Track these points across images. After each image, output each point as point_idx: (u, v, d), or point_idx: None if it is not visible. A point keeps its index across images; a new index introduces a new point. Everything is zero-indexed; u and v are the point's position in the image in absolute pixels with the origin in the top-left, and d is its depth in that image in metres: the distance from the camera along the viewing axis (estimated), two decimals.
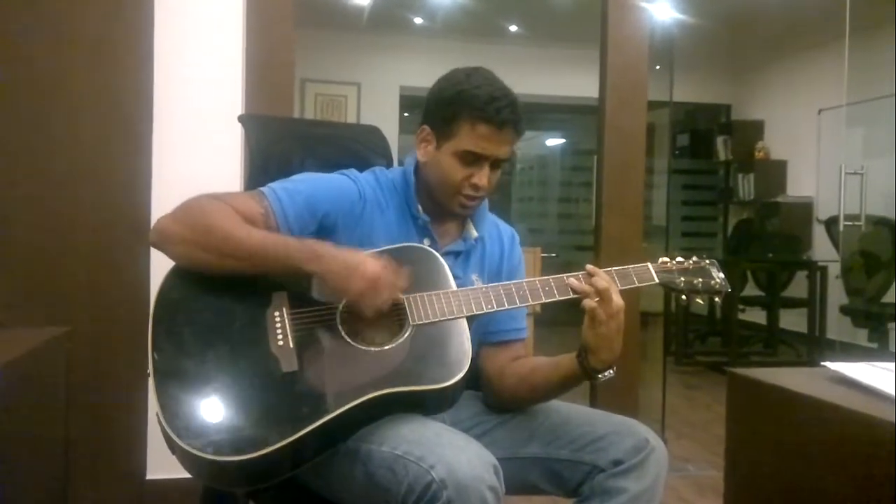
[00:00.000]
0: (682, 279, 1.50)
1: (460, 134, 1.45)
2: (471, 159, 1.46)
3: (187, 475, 1.28)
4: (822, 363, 1.22)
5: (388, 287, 1.32)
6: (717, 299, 1.52)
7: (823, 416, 1.04)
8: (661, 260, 1.51)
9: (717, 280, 1.51)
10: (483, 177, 1.47)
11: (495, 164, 1.49)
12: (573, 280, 1.42)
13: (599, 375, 1.41)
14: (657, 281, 1.47)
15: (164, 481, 2.39)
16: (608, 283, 1.39)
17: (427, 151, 1.51)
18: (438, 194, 1.51)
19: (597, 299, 1.38)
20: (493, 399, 1.58)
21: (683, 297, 1.51)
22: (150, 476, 2.49)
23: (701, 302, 1.51)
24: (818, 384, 1.15)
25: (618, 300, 1.38)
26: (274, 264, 1.33)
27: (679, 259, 1.52)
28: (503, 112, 1.44)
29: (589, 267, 1.43)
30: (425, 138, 1.52)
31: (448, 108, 1.47)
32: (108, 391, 2.33)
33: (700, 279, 1.50)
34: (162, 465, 1.22)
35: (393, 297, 1.34)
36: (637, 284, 1.46)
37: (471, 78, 1.47)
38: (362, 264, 1.30)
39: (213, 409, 1.25)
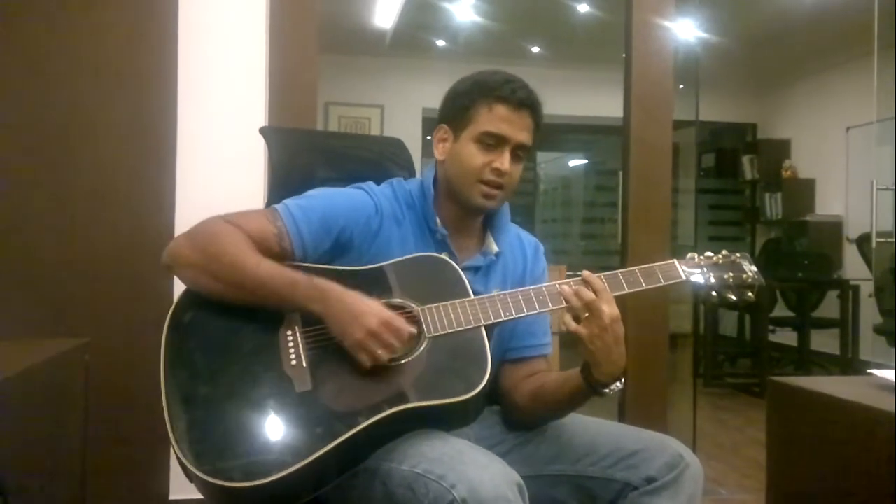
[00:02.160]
0: (712, 274, 1.43)
1: (478, 118, 1.44)
2: (491, 143, 1.43)
3: None
4: (869, 371, 1.17)
5: (386, 344, 1.26)
6: (749, 294, 1.43)
7: (872, 423, 0.99)
8: (688, 256, 1.45)
9: (750, 274, 1.44)
10: (504, 161, 1.43)
11: (516, 153, 1.45)
12: (566, 287, 1.35)
13: (606, 390, 1.36)
14: (684, 278, 1.41)
15: (188, 502, 2.37)
16: (595, 295, 1.33)
17: (445, 148, 1.49)
18: (459, 186, 1.47)
19: (586, 314, 1.32)
20: (508, 416, 1.54)
21: (714, 293, 1.43)
22: (173, 496, 2.47)
23: (733, 298, 1.43)
24: (865, 392, 1.09)
25: (610, 311, 1.32)
26: (279, 299, 1.31)
27: (708, 254, 1.46)
28: (519, 92, 1.43)
29: (585, 273, 1.37)
30: (442, 137, 1.50)
31: (464, 96, 1.46)
32: (130, 407, 2.31)
33: (731, 273, 1.44)
34: (186, 486, 1.19)
35: (390, 354, 1.28)
36: (663, 282, 1.40)
37: (483, 72, 1.48)
38: (364, 315, 1.26)
39: (225, 433, 1.21)
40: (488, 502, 1.11)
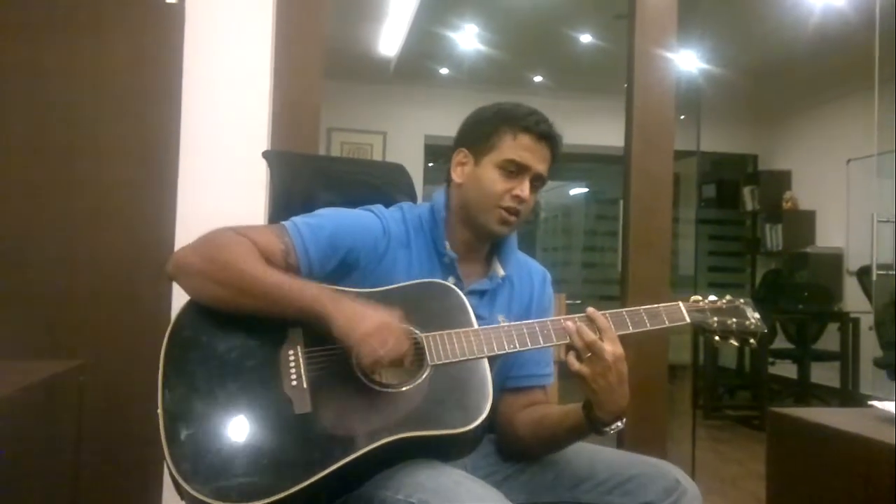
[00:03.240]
0: (716, 319, 1.44)
1: (502, 145, 1.46)
2: (513, 170, 1.45)
3: None
4: (870, 402, 1.16)
5: (388, 345, 1.25)
6: (752, 341, 1.44)
7: (872, 454, 0.98)
8: (692, 299, 1.46)
9: (752, 321, 1.45)
10: (525, 188, 1.46)
11: (533, 183, 1.48)
12: (570, 324, 1.35)
13: (606, 429, 1.35)
14: (688, 320, 1.42)
15: None
16: (597, 335, 1.32)
17: (464, 171, 1.50)
18: (477, 210, 1.48)
19: (588, 354, 1.31)
20: (505, 446, 1.52)
21: (716, 338, 1.44)
22: None
23: (735, 344, 1.44)
24: (865, 423, 1.08)
25: (613, 350, 1.31)
26: (287, 307, 1.29)
27: (712, 298, 1.47)
28: (542, 125, 1.47)
29: (589, 310, 1.37)
30: (461, 160, 1.50)
31: (488, 123, 1.48)
32: (124, 430, 2.28)
33: (734, 319, 1.45)
34: None
35: (397, 356, 1.27)
36: (668, 324, 1.40)
37: (507, 102, 1.51)
38: (367, 314, 1.26)
39: (221, 452, 1.20)
40: None
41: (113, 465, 2.36)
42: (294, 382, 1.27)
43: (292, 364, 1.29)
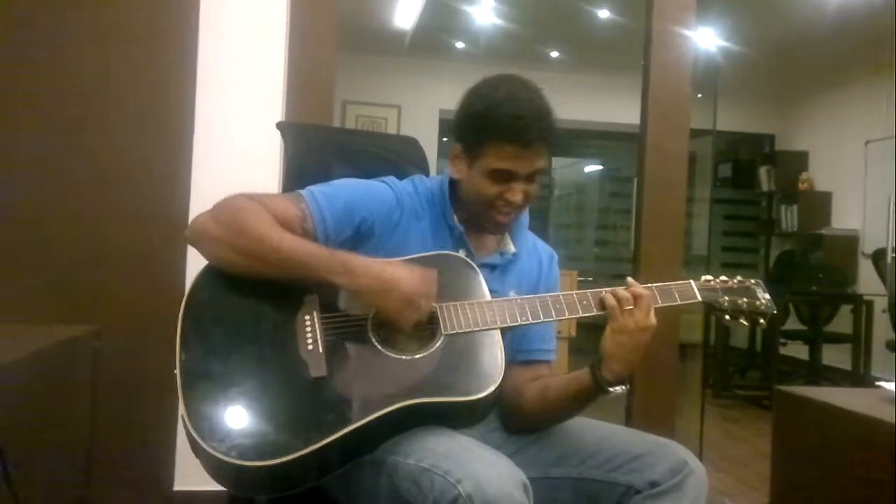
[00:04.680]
0: (727, 298, 1.45)
1: (488, 155, 1.42)
2: (502, 177, 1.43)
3: (217, 487, 1.25)
4: (878, 384, 1.16)
5: (426, 302, 1.29)
6: (761, 321, 1.45)
7: (875, 434, 0.98)
8: (704, 278, 1.47)
9: (763, 301, 1.46)
10: (516, 192, 1.44)
11: (530, 177, 1.45)
12: (610, 294, 1.37)
13: (610, 389, 1.36)
14: (699, 298, 1.43)
15: (192, 493, 2.38)
16: (649, 296, 1.36)
17: (459, 169, 1.49)
18: (474, 210, 1.49)
19: (629, 307, 1.34)
20: (511, 417, 1.53)
21: (727, 317, 1.46)
22: (177, 487, 2.47)
23: (745, 323, 1.46)
24: (871, 404, 1.09)
25: (652, 317, 1.35)
26: (303, 272, 1.31)
27: (723, 278, 1.48)
28: (529, 131, 1.39)
29: (629, 280, 1.40)
30: (457, 156, 1.49)
31: (475, 128, 1.44)
32: (138, 394, 2.32)
33: (745, 299, 1.46)
34: (191, 476, 1.20)
35: (430, 309, 1.31)
36: (679, 302, 1.42)
37: (497, 92, 1.43)
38: (400, 280, 1.29)
39: (238, 412, 1.23)
40: (494, 499, 1.11)
41: (127, 430, 2.40)
42: (310, 347, 1.29)
43: (308, 329, 1.31)
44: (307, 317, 1.33)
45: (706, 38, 4.20)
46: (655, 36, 2.85)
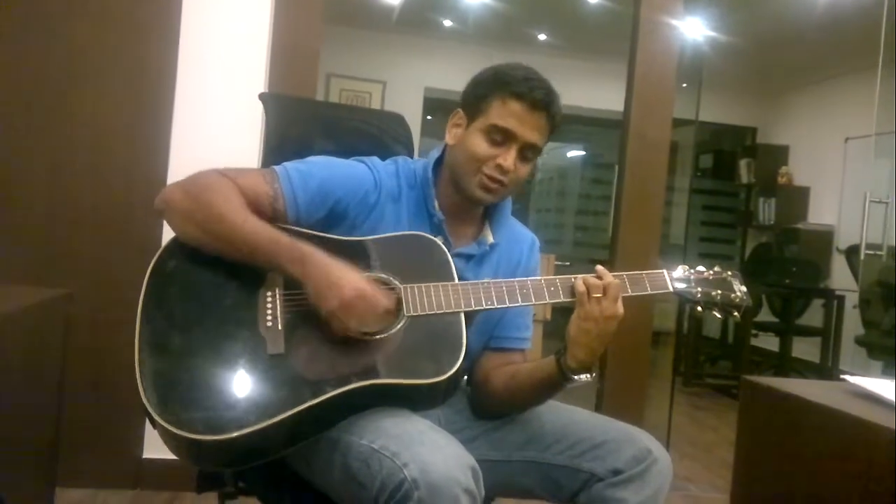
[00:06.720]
0: (700, 290, 1.43)
1: (490, 110, 1.40)
2: (499, 138, 1.40)
3: None
4: (843, 377, 1.18)
5: (359, 316, 1.25)
6: (735, 314, 1.43)
7: (839, 427, 1.00)
8: (680, 267, 1.44)
9: (738, 294, 1.43)
10: (509, 158, 1.40)
11: (524, 153, 1.42)
12: (580, 281, 1.35)
13: (574, 377, 1.34)
14: (671, 289, 1.41)
15: (161, 461, 2.38)
16: (617, 285, 1.34)
17: (456, 134, 1.47)
18: (460, 175, 1.45)
19: (598, 295, 1.32)
20: (480, 403, 1.52)
21: (699, 308, 1.43)
22: (146, 455, 2.48)
23: (718, 315, 1.44)
24: (836, 396, 1.11)
25: (619, 306, 1.32)
26: (261, 257, 1.29)
27: (700, 268, 1.45)
28: (537, 91, 1.39)
29: (599, 268, 1.37)
30: (457, 122, 1.48)
31: (482, 86, 1.43)
32: (108, 362, 2.31)
33: (719, 291, 1.43)
34: (161, 445, 1.19)
35: (362, 327, 1.27)
36: (650, 291, 1.39)
37: (509, 64, 1.45)
38: (341, 284, 1.25)
39: (191, 385, 1.21)
40: (439, 483, 1.10)
41: (96, 396, 2.39)
42: (269, 323, 1.28)
43: (269, 305, 1.30)
44: (269, 293, 1.31)
45: (693, 28, 4.21)
46: (642, 25, 2.86)
